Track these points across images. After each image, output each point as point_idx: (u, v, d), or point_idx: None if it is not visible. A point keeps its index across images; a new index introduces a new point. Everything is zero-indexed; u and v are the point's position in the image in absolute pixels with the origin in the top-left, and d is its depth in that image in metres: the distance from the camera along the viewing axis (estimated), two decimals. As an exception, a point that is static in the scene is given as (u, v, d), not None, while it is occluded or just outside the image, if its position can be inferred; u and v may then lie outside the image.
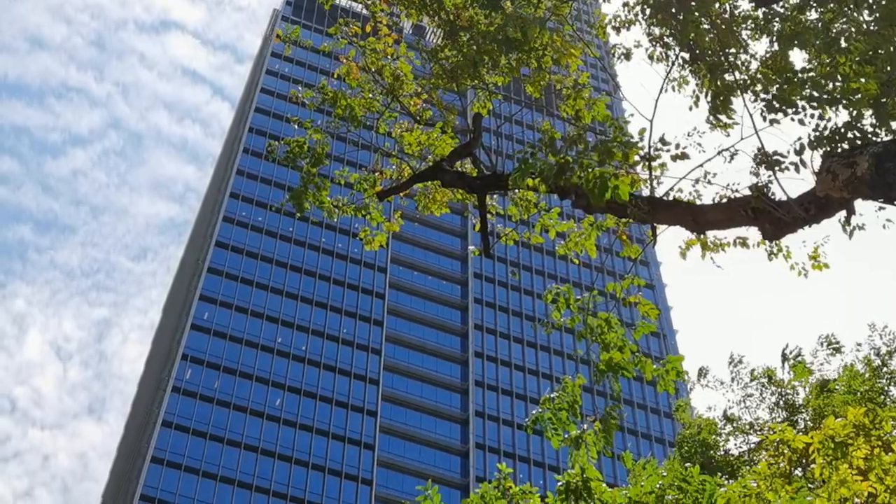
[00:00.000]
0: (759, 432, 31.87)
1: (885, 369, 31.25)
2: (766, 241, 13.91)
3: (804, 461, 19.54)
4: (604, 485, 17.21)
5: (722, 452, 32.27)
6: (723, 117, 13.48)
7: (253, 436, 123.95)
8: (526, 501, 20.15)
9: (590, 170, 12.82)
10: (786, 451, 17.12)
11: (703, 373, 34.27)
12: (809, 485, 20.18)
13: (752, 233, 13.83)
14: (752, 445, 31.87)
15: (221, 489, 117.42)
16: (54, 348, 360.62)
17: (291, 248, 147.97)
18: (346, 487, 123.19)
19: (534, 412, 16.71)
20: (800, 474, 21.85)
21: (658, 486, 16.48)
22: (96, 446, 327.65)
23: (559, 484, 17.04)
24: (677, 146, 13.85)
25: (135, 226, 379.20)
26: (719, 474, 28.54)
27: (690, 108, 13.98)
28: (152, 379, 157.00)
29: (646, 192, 14.31)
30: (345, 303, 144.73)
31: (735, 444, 32.64)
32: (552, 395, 16.59)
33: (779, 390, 32.77)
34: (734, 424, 32.77)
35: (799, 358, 32.55)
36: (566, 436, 15.99)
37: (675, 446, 33.46)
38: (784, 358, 32.80)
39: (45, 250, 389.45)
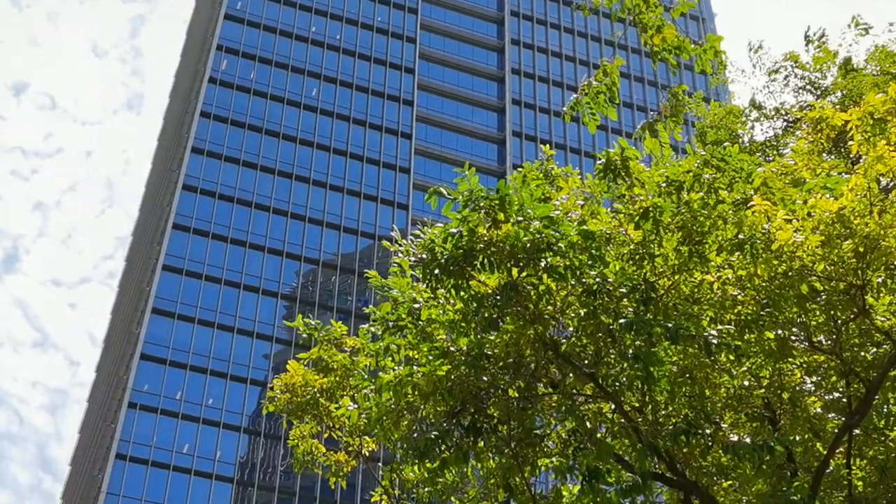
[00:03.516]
0: (784, 117, 31.32)
1: None
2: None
3: (842, 140, 19.50)
4: (641, 164, 17.29)
5: (748, 139, 31.63)
6: None
7: (291, 125, 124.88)
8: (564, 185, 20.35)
9: None
10: (824, 128, 17.04)
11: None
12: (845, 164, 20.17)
13: None
14: (779, 130, 31.34)
15: (262, 177, 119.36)
16: (90, 45, 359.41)
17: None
18: (385, 175, 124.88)
19: (573, 97, 16.58)
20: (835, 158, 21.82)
21: (696, 164, 16.51)
22: (136, 141, 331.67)
23: (598, 161, 17.12)
24: None
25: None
26: (757, 155, 28.48)
27: None
28: (189, 71, 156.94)
29: None
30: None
31: (761, 130, 31.99)
32: (591, 80, 16.44)
33: (804, 73, 31.73)
34: (760, 111, 32.01)
35: (823, 39, 31.32)
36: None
37: (697, 137, 32.74)
38: (807, 40, 31.62)
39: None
